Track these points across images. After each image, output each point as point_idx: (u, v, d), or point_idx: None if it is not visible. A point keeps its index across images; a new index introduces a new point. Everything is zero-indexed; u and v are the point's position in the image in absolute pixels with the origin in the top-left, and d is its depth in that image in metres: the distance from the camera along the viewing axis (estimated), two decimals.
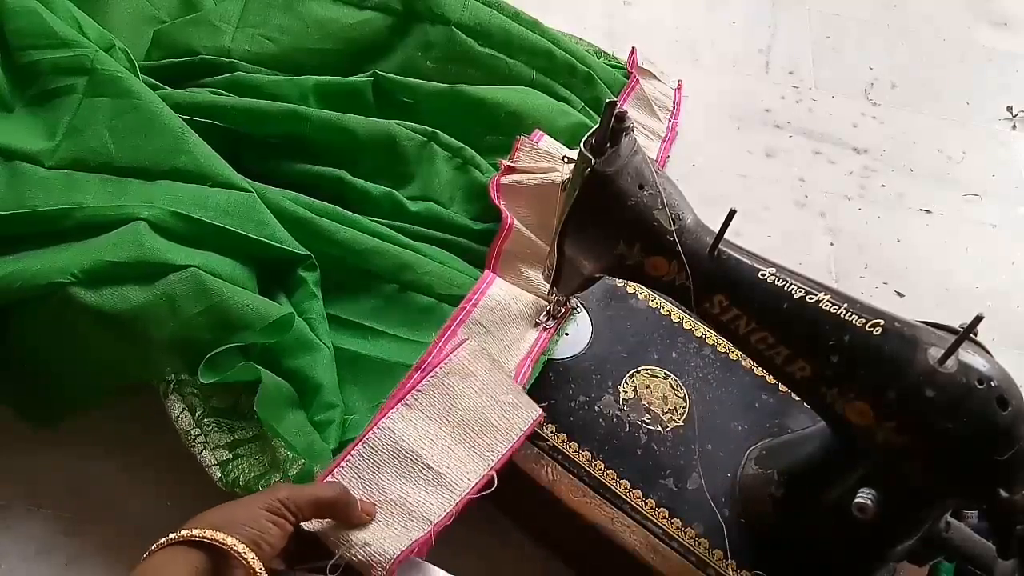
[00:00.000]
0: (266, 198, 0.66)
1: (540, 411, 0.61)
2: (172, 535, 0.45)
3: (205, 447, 0.57)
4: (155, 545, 0.45)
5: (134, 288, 0.57)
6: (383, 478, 0.56)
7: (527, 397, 0.61)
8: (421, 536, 0.53)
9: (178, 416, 0.58)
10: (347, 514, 0.53)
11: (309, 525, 0.53)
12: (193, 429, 0.58)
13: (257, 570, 0.45)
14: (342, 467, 0.56)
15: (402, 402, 0.58)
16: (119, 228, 0.60)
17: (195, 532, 0.45)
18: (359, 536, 0.53)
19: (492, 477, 0.57)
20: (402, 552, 0.52)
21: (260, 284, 0.63)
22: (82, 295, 0.56)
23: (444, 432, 0.58)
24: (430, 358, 0.61)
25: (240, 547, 0.45)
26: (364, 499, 0.55)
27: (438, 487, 0.56)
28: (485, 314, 0.66)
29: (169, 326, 0.57)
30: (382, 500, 0.55)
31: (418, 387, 0.59)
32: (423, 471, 0.56)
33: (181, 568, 0.44)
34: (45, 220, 0.60)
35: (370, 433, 0.57)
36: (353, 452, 0.56)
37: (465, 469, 0.57)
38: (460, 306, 0.65)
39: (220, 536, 0.45)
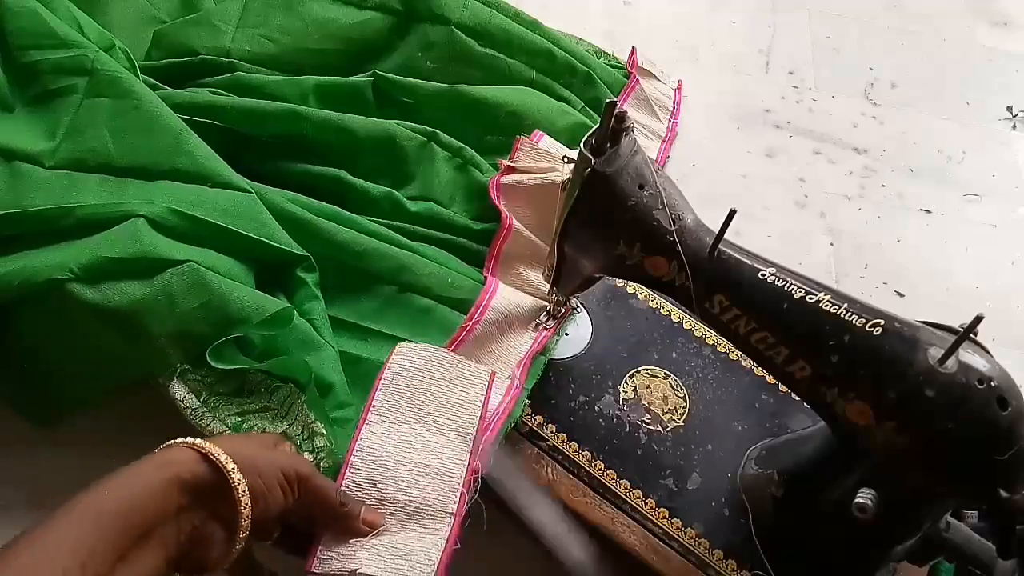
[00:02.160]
0: (265, 199, 0.66)
1: (489, 371, 0.61)
2: (197, 441, 0.45)
3: (214, 418, 0.57)
4: (177, 440, 0.46)
5: (132, 284, 0.57)
6: (385, 491, 0.55)
7: (472, 364, 0.61)
8: (452, 529, 0.54)
9: (184, 397, 0.58)
10: (345, 525, 0.52)
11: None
12: (200, 407, 0.57)
13: (245, 516, 0.45)
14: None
15: (366, 421, 0.58)
16: (118, 225, 0.60)
17: (217, 453, 0.45)
18: (390, 549, 0.52)
19: (484, 453, 0.57)
20: (443, 552, 0.52)
21: (259, 285, 0.63)
22: (81, 291, 0.56)
23: (417, 429, 0.58)
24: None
25: (243, 488, 0.45)
26: (368, 510, 0.54)
27: (439, 476, 0.56)
28: (488, 327, 0.66)
29: (168, 321, 0.57)
30: (395, 510, 0.54)
31: (373, 403, 0.58)
32: (418, 468, 0.56)
33: (188, 475, 0.44)
34: (44, 219, 0.60)
35: (351, 458, 0.56)
36: (345, 482, 0.55)
37: (452, 452, 0.57)
38: (463, 324, 0.65)
39: (232, 468, 0.45)
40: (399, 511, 0.54)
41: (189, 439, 0.46)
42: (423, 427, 0.58)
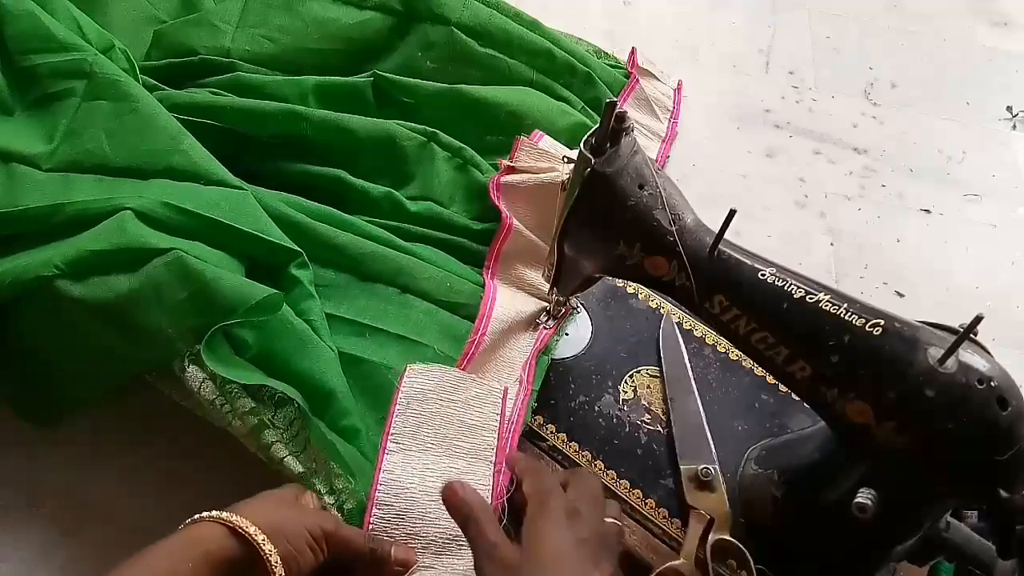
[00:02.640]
0: (262, 202, 0.65)
1: (502, 387, 0.61)
2: (223, 515, 0.46)
3: (233, 415, 0.56)
4: (203, 514, 0.46)
5: (119, 277, 0.57)
6: (414, 524, 0.54)
7: (483, 382, 0.61)
8: None
9: (199, 386, 0.56)
10: (378, 570, 0.52)
11: None
12: (218, 398, 0.56)
13: None
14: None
15: (386, 450, 0.57)
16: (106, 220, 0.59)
17: (245, 526, 0.45)
18: None
19: (507, 473, 0.57)
20: None
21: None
22: (68, 288, 0.56)
23: (438, 455, 0.58)
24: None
25: (275, 559, 0.45)
26: (400, 549, 0.53)
27: None
28: (492, 337, 0.66)
29: (157, 313, 0.56)
30: (425, 544, 0.54)
31: (391, 429, 0.58)
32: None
33: (218, 551, 0.44)
34: (36, 218, 0.60)
35: (376, 493, 0.55)
36: (372, 519, 0.54)
37: (475, 478, 0.57)
38: (471, 339, 0.64)
39: (261, 539, 0.45)
40: (430, 544, 0.54)
41: (215, 513, 0.46)
42: (443, 452, 0.58)
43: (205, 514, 0.46)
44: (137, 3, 0.84)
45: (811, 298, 0.48)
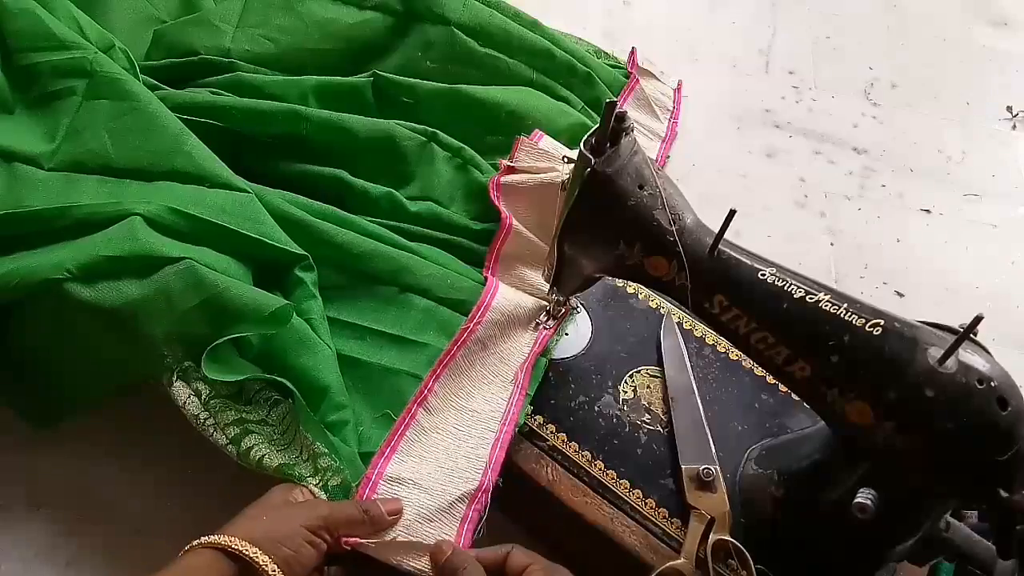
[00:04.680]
0: (264, 200, 0.66)
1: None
2: (212, 538, 0.46)
3: (215, 428, 0.56)
4: (194, 543, 0.46)
5: (130, 283, 0.57)
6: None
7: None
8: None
9: (185, 402, 0.57)
10: (377, 527, 0.53)
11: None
12: (201, 412, 0.57)
13: None
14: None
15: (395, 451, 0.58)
16: (114, 224, 0.59)
17: (233, 544, 0.46)
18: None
19: (495, 470, 0.58)
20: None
21: (257, 286, 0.63)
22: (78, 291, 0.56)
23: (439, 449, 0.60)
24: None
25: (271, 568, 0.46)
26: (386, 503, 0.55)
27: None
28: (489, 328, 0.66)
29: (166, 321, 0.57)
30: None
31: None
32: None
33: (216, 575, 0.45)
34: (43, 219, 0.60)
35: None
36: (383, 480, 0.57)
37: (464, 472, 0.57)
38: (464, 325, 0.65)
39: (253, 553, 0.45)
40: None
41: (204, 539, 0.46)
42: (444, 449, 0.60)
43: (195, 542, 0.47)
44: (137, 3, 0.84)
45: (811, 298, 0.48)
